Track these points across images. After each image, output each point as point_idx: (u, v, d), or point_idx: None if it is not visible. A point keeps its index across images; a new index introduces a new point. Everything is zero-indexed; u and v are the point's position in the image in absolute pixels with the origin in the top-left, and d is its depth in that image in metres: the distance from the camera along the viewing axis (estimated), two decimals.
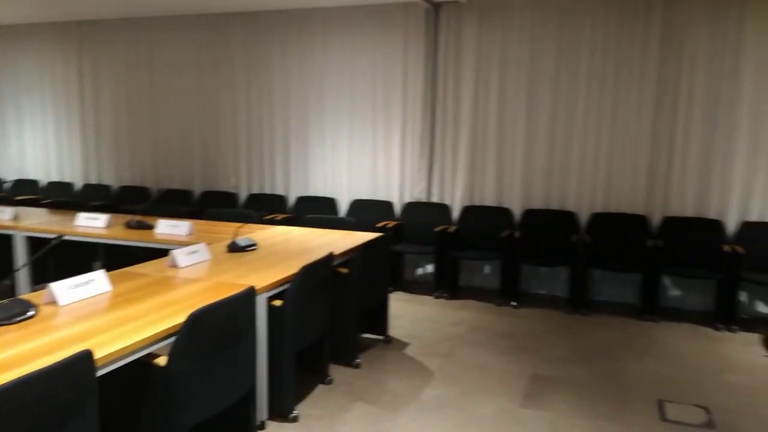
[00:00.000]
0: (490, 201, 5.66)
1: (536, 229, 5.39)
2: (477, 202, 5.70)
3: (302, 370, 3.40)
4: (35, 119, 7.65)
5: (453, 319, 4.77)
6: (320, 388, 3.42)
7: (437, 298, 5.36)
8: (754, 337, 4.42)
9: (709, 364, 3.90)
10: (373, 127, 5.99)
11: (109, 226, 4.43)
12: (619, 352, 4.08)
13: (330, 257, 3.32)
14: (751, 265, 4.70)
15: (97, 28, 7.08)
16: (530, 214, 5.47)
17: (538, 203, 5.50)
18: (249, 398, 2.65)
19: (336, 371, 3.63)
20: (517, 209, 5.55)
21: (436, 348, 4.11)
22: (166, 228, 4.22)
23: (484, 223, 5.57)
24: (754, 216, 4.93)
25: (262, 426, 2.93)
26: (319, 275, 3.21)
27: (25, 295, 2.39)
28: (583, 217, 5.36)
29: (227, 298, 2.37)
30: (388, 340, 4.23)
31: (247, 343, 2.57)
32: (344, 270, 3.58)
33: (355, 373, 3.65)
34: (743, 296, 4.96)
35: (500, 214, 5.55)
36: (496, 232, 5.31)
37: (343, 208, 6.18)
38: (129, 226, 4.38)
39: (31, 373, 1.58)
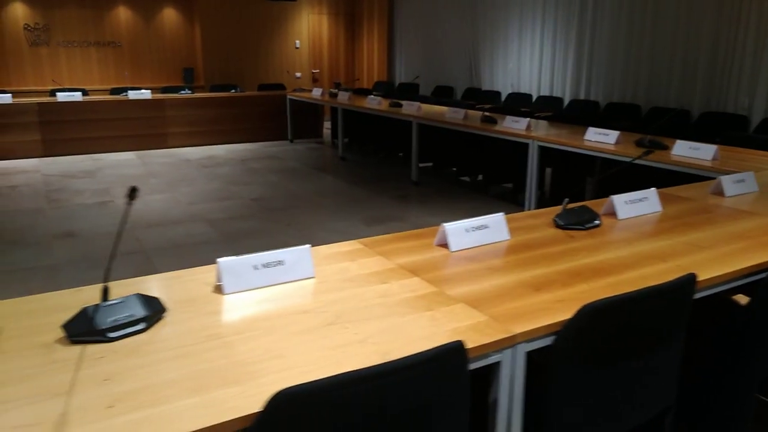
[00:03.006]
0: None
1: None
2: None
3: None
4: (534, 40, 8.11)
5: None
6: None
7: None
8: None
9: None
10: None
11: (618, 143, 4.34)
12: None
13: None
14: None
15: None
16: None
17: None
18: None
19: None
20: None
21: None
22: (684, 150, 3.87)
23: None
24: None
25: None
26: None
27: (589, 202, 2.43)
28: None
29: None
30: None
31: None
32: None
33: None
34: None
35: None
36: None
37: None
38: (640, 144, 4.19)
39: (639, 290, 1.52)
